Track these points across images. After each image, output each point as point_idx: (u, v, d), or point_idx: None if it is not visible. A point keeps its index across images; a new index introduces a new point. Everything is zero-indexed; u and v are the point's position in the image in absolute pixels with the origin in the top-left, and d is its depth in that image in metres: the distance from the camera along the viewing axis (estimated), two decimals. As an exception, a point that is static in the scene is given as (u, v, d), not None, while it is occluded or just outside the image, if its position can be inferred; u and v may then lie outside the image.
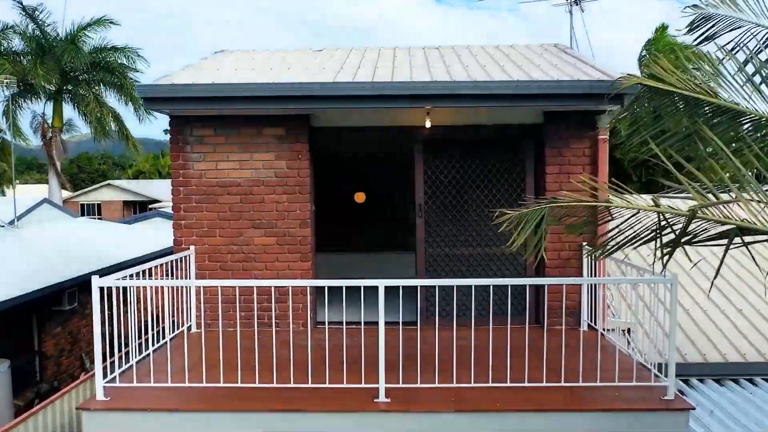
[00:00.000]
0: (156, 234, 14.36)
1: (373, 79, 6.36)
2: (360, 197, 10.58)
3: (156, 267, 5.97)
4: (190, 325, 6.81)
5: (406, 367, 5.07)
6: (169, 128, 6.78)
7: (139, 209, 40.07)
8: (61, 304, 10.74)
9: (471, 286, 5.25)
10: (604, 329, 6.57)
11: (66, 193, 34.90)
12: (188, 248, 6.78)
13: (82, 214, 39.09)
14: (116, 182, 43.80)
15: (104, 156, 67.63)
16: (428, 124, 6.68)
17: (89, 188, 43.07)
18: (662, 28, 22.80)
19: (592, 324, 6.68)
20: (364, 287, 4.81)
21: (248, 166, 6.77)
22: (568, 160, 6.81)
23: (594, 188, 4.64)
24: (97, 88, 23.04)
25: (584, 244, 6.83)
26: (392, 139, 9.23)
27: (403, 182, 10.07)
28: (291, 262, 6.80)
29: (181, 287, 6.66)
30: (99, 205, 40.46)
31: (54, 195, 22.91)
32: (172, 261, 6.45)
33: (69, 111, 23.90)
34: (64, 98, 23.20)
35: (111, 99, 23.38)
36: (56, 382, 10.78)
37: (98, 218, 38.71)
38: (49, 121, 22.96)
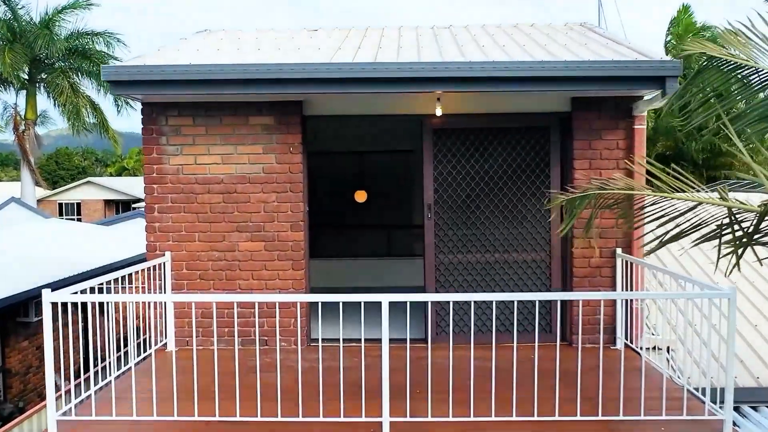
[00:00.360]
0: (136, 237, 13.93)
1: (375, 59, 5.96)
2: (361, 196, 10.20)
3: (126, 277, 5.56)
4: (166, 343, 6.41)
5: (414, 395, 4.65)
6: (141, 117, 6.40)
7: (121, 209, 39.77)
8: (27, 315, 10.32)
9: (492, 301, 4.79)
10: (640, 347, 6.15)
11: (42, 192, 34.59)
12: (163, 255, 6.40)
13: (60, 214, 38.81)
14: (97, 180, 43.48)
15: (86, 152, 67.43)
16: (439, 112, 6.30)
17: (68, 186, 42.71)
18: (684, 9, 22.69)
19: (628, 342, 6.28)
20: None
21: (232, 160, 6.41)
22: (599, 154, 6.42)
23: (652, 176, 4.24)
24: (73, 76, 22.64)
25: (618, 249, 6.39)
26: (398, 130, 9.06)
27: (410, 179, 9.78)
28: (281, 270, 6.42)
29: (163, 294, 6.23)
30: (78, 205, 40.14)
31: (27, 193, 22.55)
32: (144, 269, 6.04)
33: (44, 102, 23.51)
34: (38, 88, 22.83)
35: (89, 89, 23.04)
36: (21, 403, 10.35)
37: (77, 218, 38.47)
38: (22, 113, 22.58)
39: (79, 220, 37.78)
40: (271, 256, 6.42)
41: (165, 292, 6.31)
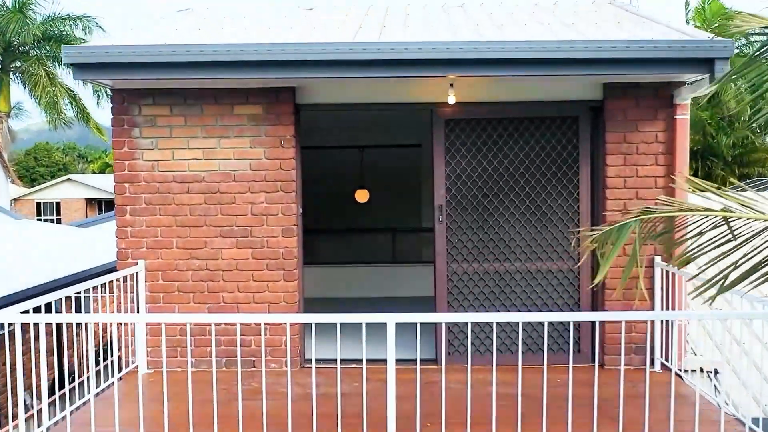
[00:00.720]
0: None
1: (380, 39, 5.70)
2: (362, 196, 10.00)
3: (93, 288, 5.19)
4: (138, 365, 6.06)
5: (425, 428, 4.32)
6: (110, 106, 6.12)
7: (104, 208, 39.47)
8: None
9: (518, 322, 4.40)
10: (683, 370, 5.84)
11: (17, 190, 34.35)
12: (136, 263, 6.10)
13: (38, 215, 38.63)
14: (78, 177, 43.32)
15: (67, 147, 67.30)
16: (452, 100, 5.96)
17: (46, 184, 42.57)
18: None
19: (668, 363, 5.91)
20: (362, 307, 4.22)
21: (215, 155, 6.11)
22: (635, 148, 6.10)
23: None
24: (49, 65, 22.35)
25: (657, 258, 6.00)
26: (404, 121, 8.77)
27: (418, 177, 9.56)
28: (271, 281, 6.12)
29: (126, 313, 5.93)
30: (58, 204, 39.96)
31: (0, 192, 22.26)
32: (112, 281, 5.73)
33: (20, 93, 23.30)
34: (11, 77, 22.56)
35: (68, 78, 22.74)
36: (-16, 426, 9.99)
37: (56, 219, 38.22)
38: (-6, 105, 22.35)
39: (58, 221, 37.55)
40: (259, 265, 6.12)
41: (138, 307, 6.01)
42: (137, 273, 6.04)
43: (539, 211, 6.32)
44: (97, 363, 5.62)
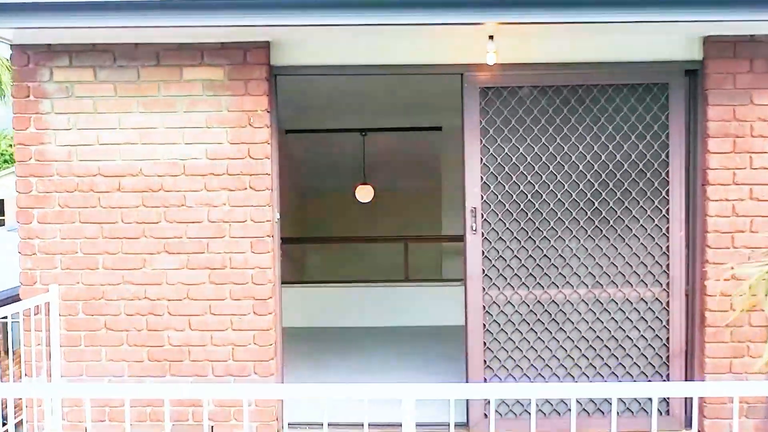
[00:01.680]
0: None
1: None
2: (365, 194, 9.75)
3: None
4: None
5: None
6: (11, 67, 5.51)
7: (58, 207, 39.45)
8: None
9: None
10: None
11: (-48, 186, 34.23)
12: (46, 290, 5.48)
13: (-22, 214, 38.40)
14: (26, 170, 43.40)
15: (19, 134, 68.04)
16: (491, 60, 5.30)
17: (-12, 178, 42.66)
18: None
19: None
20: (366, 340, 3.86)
21: (156, 138, 5.50)
22: (749, 129, 5.45)
23: None
24: (-14, 33, 22.05)
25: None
26: (422, 88, 8.24)
27: (440, 168, 9.44)
28: (236, 314, 5.50)
29: (37, 366, 5.27)
30: (2, 202, 39.94)
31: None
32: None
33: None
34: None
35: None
36: None
37: (0, 220, 38.02)
38: None
39: (1, 222, 37.37)
40: (219, 293, 5.52)
41: (50, 352, 5.36)
42: (48, 304, 5.41)
43: (612, 216, 5.67)
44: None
